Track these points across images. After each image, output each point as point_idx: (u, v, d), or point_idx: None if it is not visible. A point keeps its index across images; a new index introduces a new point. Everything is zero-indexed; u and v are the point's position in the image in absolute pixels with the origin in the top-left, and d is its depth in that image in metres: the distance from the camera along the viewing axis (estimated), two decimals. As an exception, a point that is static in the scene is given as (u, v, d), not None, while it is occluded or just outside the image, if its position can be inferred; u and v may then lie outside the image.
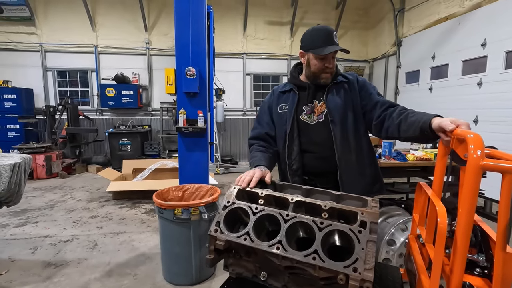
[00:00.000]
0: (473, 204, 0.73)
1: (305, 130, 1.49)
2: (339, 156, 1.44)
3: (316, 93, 1.50)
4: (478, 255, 0.86)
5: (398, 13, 6.90)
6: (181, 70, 2.99)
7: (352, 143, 1.46)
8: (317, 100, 1.49)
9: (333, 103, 1.45)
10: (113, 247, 3.02)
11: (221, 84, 6.96)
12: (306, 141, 1.49)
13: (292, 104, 1.51)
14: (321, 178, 1.50)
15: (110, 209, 4.16)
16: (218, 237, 0.99)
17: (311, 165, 1.50)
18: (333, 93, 1.47)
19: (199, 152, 3.16)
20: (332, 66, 1.44)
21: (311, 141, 1.49)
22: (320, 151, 1.48)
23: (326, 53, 1.38)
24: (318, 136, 1.48)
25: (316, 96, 1.49)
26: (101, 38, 7.35)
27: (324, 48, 1.39)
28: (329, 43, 1.39)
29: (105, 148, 7.48)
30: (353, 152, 1.47)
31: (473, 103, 4.99)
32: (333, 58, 1.45)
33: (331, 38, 1.40)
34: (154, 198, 2.36)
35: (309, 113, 1.49)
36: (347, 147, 1.45)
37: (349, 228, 0.89)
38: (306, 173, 1.51)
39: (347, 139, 1.45)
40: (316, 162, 1.49)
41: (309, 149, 1.50)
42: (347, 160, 1.45)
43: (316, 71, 1.45)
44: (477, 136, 0.76)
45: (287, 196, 1.03)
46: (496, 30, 4.59)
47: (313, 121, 1.48)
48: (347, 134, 1.45)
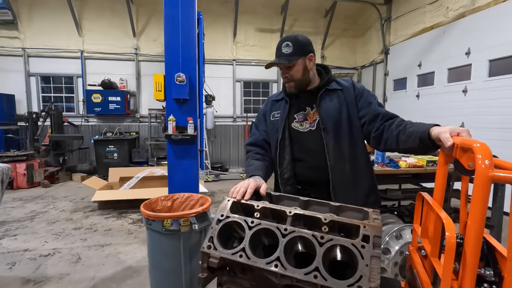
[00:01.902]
0: (483, 217, 0.69)
1: (297, 138, 1.45)
2: (332, 165, 1.38)
3: (308, 101, 1.45)
4: (485, 269, 0.83)
5: (385, 22, 7.06)
6: (170, 76, 2.92)
7: (346, 153, 1.41)
8: (309, 108, 1.45)
9: (326, 110, 1.40)
10: (98, 260, 2.87)
11: (211, 91, 6.90)
12: (298, 150, 1.45)
13: (284, 112, 1.48)
14: (314, 188, 1.45)
15: (95, 219, 3.99)
16: (212, 254, 0.92)
17: (303, 174, 1.45)
18: (325, 100, 1.42)
19: (189, 160, 3.07)
20: (288, 76, 1.40)
21: (303, 149, 1.44)
22: (312, 160, 1.43)
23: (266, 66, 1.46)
24: (310, 145, 1.43)
25: (309, 104, 1.45)
26: (88, 43, 7.20)
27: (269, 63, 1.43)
28: (277, 55, 1.40)
29: (91, 155, 7.25)
30: (347, 162, 1.41)
31: (459, 110, 5.11)
32: (290, 67, 1.38)
33: (279, 49, 1.39)
34: (142, 209, 2.25)
35: (301, 121, 1.45)
36: (340, 156, 1.40)
37: (352, 243, 0.84)
38: (298, 182, 1.46)
39: (341, 148, 1.40)
40: (308, 171, 1.44)
41: (301, 157, 1.45)
42: (340, 170, 1.40)
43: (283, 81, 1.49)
44: (484, 145, 0.73)
45: (284, 209, 0.98)
46: (479, 39, 4.74)
47: (305, 129, 1.44)
48: (340, 143, 1.40)
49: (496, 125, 4.43)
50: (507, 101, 4.28)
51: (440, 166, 1.01)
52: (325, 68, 1.51)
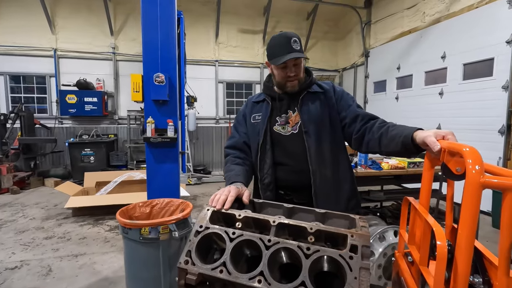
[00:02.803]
0: (474, 225, 0.67)
1: (278, 142, 1.41)
2: (313, 169, 1.34)
3: (290, 103, 1.41)
4: (473, 276, 0.80)
5: (365, 26, 7.21)
6: (149, 76, 2.79)
7: (327, 157, 1.38)
8: (291, 111, 1.40)
9: (308, 113, 1.37)
10: (71, 271, 2.69)
11: (193, 92, 6.76)
12: (279, 154, 1.40)
13: (265, 114, 1.43)
14: (296, 192, 1.40)
15: (69, 227, 3.77)
16: (190, 270, 0.85)
17: (285, 179, 1.40)
18: (307, 103, 1.39)
19: (169, 164, 2.95)
20: (296, 74, 1.35)
21: (285, 153, 1.40)
22: (294, 164, 1.38)
23: (281, 62, 1.29)
24: (292, 148, 1.38)
25: (291, 107, 1.41)
26: (62, 41, 6.85)
27: (281, 57, 1.29)
28: (287, 51, 1.29)
29: (65, 159, 6.90)
30: (328, 166, 1.38)
31: (436, 112, 5.28)
32: (296, 65, 1.34)
33: (289, 45, 1.29)
34: (118, 216, 2.12)
35: (283, 124, 1.41)
36: (322, 160, 1.37)
37: (339, 254, 0.79)
38: (280, 187, 1.42)
39: (322, 152, 1.37)
40: (290, 175, 1.39)
41: (283, 161, 1.40)
42: (322, 175, 1.36)
43: (280, 80, 1.39)
44: (474, 149, 0.70)
45: (268, 218, 0.92)
46: (454, 43, 4.92)
47: (287, 132, 1.40)
48: (322, 147, 1.37)
49: (471, 127, 4.61)
50: (481, 103, 4.46)
51: (426, 170, 0.98)
52: (307, 71, 1.47)
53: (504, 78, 4.10)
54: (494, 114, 4.24)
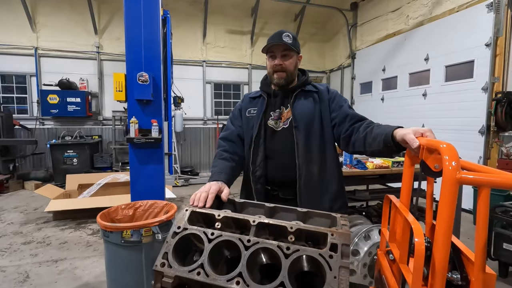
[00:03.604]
0: (451, 221, 0.67)
1: (271, 136, 1.45)
2: (300, 164, 1.37)
3: (284, 100, 1.46)
4: (452, 273, 0.81)
5: (351, 28, 7.31)
6: (132, 75, 2.73)
7: (315, 154, 1.39)
8: (284, 107, 1.46)
9: (299, 110, 1.42)
10: (50, 278, 2.59)
11: (179, 92, 6.68)
12: (271, 148, 1.44)
13: (261, 109, 1.48)
14: (282, 188, 1.43)
15: (49, 232, 3.63)
16: (166, 273, 0.82)
17: (273, 174, 1.43)
18: (300, 100, 1.45)
19: (153, 165, 2.89)
20: (282, 64, 1.39)
21: (276, 147, 1.44)
22: (282, 159, 1.41)
23: (266, 46, 1.38)
24: (281, 143, 1.43)
25: (284, 103, 1.46)
26: (43, 39, 6.63)
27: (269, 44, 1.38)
28: (274, 40, 1.37)
29: (47, 161, 6.67)
30: (315, 163, 1.39)
31: (419, 113, 5.40)
32: (285, 56, 1.39)
33: (280, 36, 1.37)
34: (98, 219, 2.06)
35: (276, 119, 1.46)
36: (310, 157, 1.39)
37: (319, 253, 0.78)
38: (268, 182, 1.44)
39: (310, 148, 1.39)
40: (278, 170, 1.42)
41: (273, 156, 1.43)
42: (308, 171, 1.38)
43: (269, 70, 1.45)
44: (450, 146, 0.71)
45: (248, 218, 0.90)
46: (436, 46, 5.05)
47: (279, 127, 1.44)
48: (310, 143, 1.39)
49: (453, 127, 4.73)
50: (462, 105, 4.59)
51: (406, 168, 0.99)
52: (303, 71, 1.54)
53: (484, 80, 4.23)
54: (475, 115, 4.36)
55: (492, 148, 4.14)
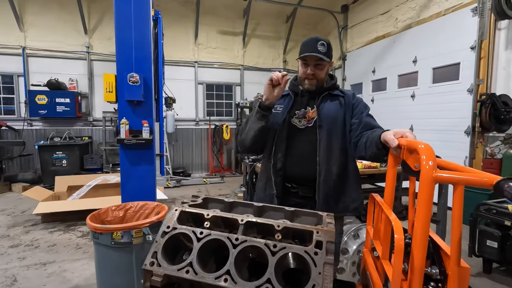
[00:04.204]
0: (428, 217, 0.70)
1: (293, 133, 1.52)
2: (320, 162, 1.44)
3: (310, 100, 1.54)
4: (431, 268, 0.84)
5: (342, 30, 7.41)
6: (122, 76, 2.72)
7: (336, 154, 1.46)
8: (310, 107, 1.53)
9: (325, 111, 1.49)
10: (38, 281, 2.55)
11: (171, 93, 6.65)
12: (292, 144, 1.52)
13: (286, 106, 1.55)
14: (301, 185, 1.50)
15: (38, 234, 3.57)
16: (155, 272, 0.83)
17: (292, 168, 1.50)
18: (327, 102, 1.52)
19: (144, 166, 2.88)
20: (314, 74, 1.46)
21: (297, 144, 1.51)
22: (302, 155, 1.49)
23: (300, 56, 1.45)
24: (304, 140, 1.50)
25: (310, 103, 1.53)
26: (31, 39, 6.51)
27: (303, 53, 1.44)
28: (310, 50, 1.42)
29: (35, 163, 6.54)
30: (335, 163, 1.46)
31: (408, 114, 5.51)
32: (318, 65, 1.45)
33: (314, 45, 1.42)
34: (88, 221, 2.04)
35: (300, 118, 1.53)
36: (330, 155, 1.46)
37: (305, 250, 0.81)
38: (287, 177, 1.51)
39: (331, 147, 1.46)
40: (297, 165, 1.50)
41: (294, 152, 1.51)
42: (328, 169, 1.45)
43: (300, 75, 1.52)
44: (428, 146, 0.74)
45: (236, 217, 0.92)
46: (424, 48, 5.16)
47: (303, 125, 1.52)
48: (332, 143, 1.46)
49: (440, 128, 4.84)
50: (448, 106, 4.70)
51: (389, 168, 1.03)
52: (332, 76, 1.61)
53: (469, 82, 4.35)
54: (461, 116, 4.48)
55: (477, 148, 4.25)
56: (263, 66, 8.29)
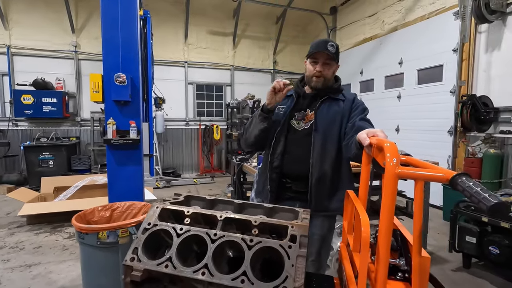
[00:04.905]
0: (392, 210, 0.75)
1: (291, 134, 1.59)
2: (313, 163, 1.50)
3: (311, 103, 1.59)
4: (399, 259, 0.89)
5: (331, 31, 7.52)
6: (109, 76, 2.71)
7: (330, 156, 1.52)
8: (309, 109, 1.59)
9: (322, 114, 1.54)
10: (23, 283, 2.52)
11: (161, 93, 6.62)
12: (289, 144, 1.58)
13: (288, 108, 1.62)
14: (296, 181, 1.57)
15: (23, 236, 3.52)
16: (135, 267, 0.86)
17: (289, 167, 1.57)
18: (326, 106, 1.56)
19: (132, 166, 2.88)
20: (322, 71, 1.52)
21: (294, 144, 1.57)
22: (298, 155, 1.55)
23: (310, 52, 1.53)
24: (300, 141, 1.56)
25: (310, 106, 1.59)
26: (16, 37, 6.39)
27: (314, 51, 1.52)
28: (320, 49, 1.50)
29: (21, 164, 6.41)
30: (329, 164, 1.52)
31: (395, 114, 5.64)
32: (326, 65, 1.53)
33: (325, 45, 1.49)
34: (73, 221, 2.04)
35: (299, 120, 1.59)
36: (324, 158, 1.52)
37: (279, 244, 0.85)
38: (284, 174, 1.58)
39: (326, 149, 1.52)
40: (293, 164, 1.56)
41: (291, 151, 1.58)
42: (321, 170, 1.51)
43: (308, 74, 1.58)
44: (393, 145, 0.79)
45: (215, 213, 0.95)
46: (409, 50, 5.30)
47: (300, 127, 1.58)
48: (326, 146, 1.52)
49: (425, 128, 4.98)
50: (433, 106, 4.84)
51: (363, 165, 1.08)
52: (336, 78, 1.67)
53: (452, 83, 4.49)
54: (444, 116, 4.62)
55: (459, 147, 4.39)
56: (253, 67, 8.33)
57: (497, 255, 2.47)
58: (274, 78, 8.48)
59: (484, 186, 0.61)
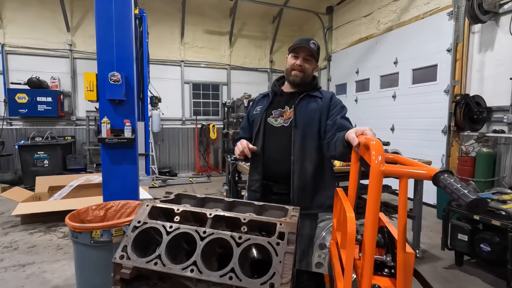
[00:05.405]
0: (377, 206, 0.76)
1: (270, 132, 1.58)
2: (294, 161, 1.49)
3: (289, 100, 1.59)
4: (386, 256, 0.91)
5: (327, 31, 7.54)
6: (103, 75, 2.70)
7: (310, 153, 1.52)
8: (288, 107, 1.58)
9: (301, 111, 1.54)
10: (16, 283, 2.51)
11: (157, 92, 6.60)
12: (269, 142, 1.57)
13: (264, 107, 1.63)
14: (277, 183, 1.56)
15: (17, 236, 3.50)
16: (124, 264, 0.86)
17: (269, 167, 1.56)
18: (304, 103, 1.57)
19: (126, 166, 2.87)
20: (302, 65, 1.53)
21: (273, 143, 1.57)
22: (278, 154, 1.55)
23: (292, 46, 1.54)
24: (280, 140, 1.55)
25: (289, 103, 1.59)
26: (10, 36, 6.33)
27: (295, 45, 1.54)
28: (302, 44, 1.52)
29: (15, 163, 6.37)
30: (310, 162, 1.51)
31: (390, 113, 5.67)
32: (306, 60, 1.54)
33: (307, 42, 1.52)
34: (67, 220, 2.03)
35: (277, 117, 1.58)
36: (305, 155, 1.51)
37: (268, 241, 0.86)
38: (264, 175, 1.57)
39: (306, 147, 1.51)
40: (273, 164, 1.55)
41: (270, 150, 1.57)
42: (302, 168, 1.50)
43: (288, 68, 1.58)
44: (378, 143, 0.80)
45: (205, 211, 0.96)
46: (404, 50, 5.33)
47: (279, 124, 1.57)
48: (306, 143, 1.51)
49: (420, 127, 5.01)
50: (427, 106, 4.88)
51: (352, 164, 1.09)
52: (313, 77, 1.66)
53: (446, 83, 4.53)
54: (438, 116, 4.65)
55: (453, 146, 4.43)
56: (250, 66, 8.34)
57: (488, 252, 2.50)
58: (271, 77, 8.50)
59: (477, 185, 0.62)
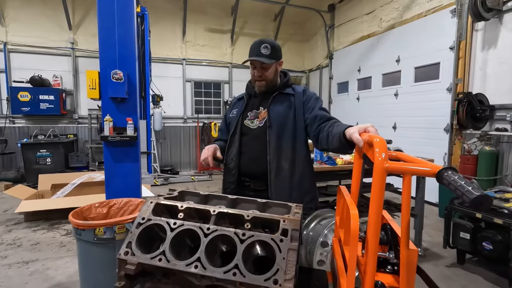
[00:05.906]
0: (380, 203, 0.76)
1: (246, 134, 1.59)
2: (271, 160, 1.50)
3: (262, 101, 1.61)
4: (389, 253, 0.91)
5: (329, 29, 7.51)
6: (106, 73, 2.71)
7: (286, 152, 1.52)
8: (262, 107, 1.59)
9: (275, 111, 1.55)
10: (20, 279, 2.53)
11: (158, 90, 6.61)
12: (245, 144, 1.58)
13: (240, 109, 1.64)
14: (254, 180, 1.57)
15: (20, 233, 3.53)
16: (129, 260, 0.87)
17: (246, 167, 1.57)
18: (277, 102, 1.58)
19: (129, 163, 2.88)
20: (261, 75, 1.53)
21: (249, 144, 1.58)
22: (254, 154, 1.56)
23: (243, 62, 1.57)
24: (255, 140, 1.56)
25: (262, 104, 1.60)
26: (13, 34, 6.35)
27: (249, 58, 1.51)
28: (254, 54, 1.49)
29: (18, 161, 6.40)
30: (285, 160, 1.52)
31: (392, 112, 5.66)
32: (264, 68, 1.52)
33: (258, 49, 1.49)
34: (70, 217, 2.05)
35: (252, 119, 1.60)
36: (280, 154, 1.52)
37: (271, 238, 0.86)
38: (241, 174, 1.59)
39: (281, 146, 1.52)
40: (250, 164, 1.57)
41: (246, 151, 1.58)
42: (278, 166, 1.51)
43: (251, 79, 1.61)
44: (382, 140, 0.80)
45: (209, 208, 0.97)
46: (406, 48, 5.31)
47: (254, 125, 1.58)
48: (282, 142, 1.52)
49: (422, 125, 5.00)
50: (429, 104, 4.86)
51: (355, 161, 1.09)
52: (285, 73, 1.67)
53: (448, 81, 4.51)
54: (440, 114, 4.64)
55: (455, 145, 4.42)
56: (251, 64, 8.31)
57: (490, 250, 2.49)
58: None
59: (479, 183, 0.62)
